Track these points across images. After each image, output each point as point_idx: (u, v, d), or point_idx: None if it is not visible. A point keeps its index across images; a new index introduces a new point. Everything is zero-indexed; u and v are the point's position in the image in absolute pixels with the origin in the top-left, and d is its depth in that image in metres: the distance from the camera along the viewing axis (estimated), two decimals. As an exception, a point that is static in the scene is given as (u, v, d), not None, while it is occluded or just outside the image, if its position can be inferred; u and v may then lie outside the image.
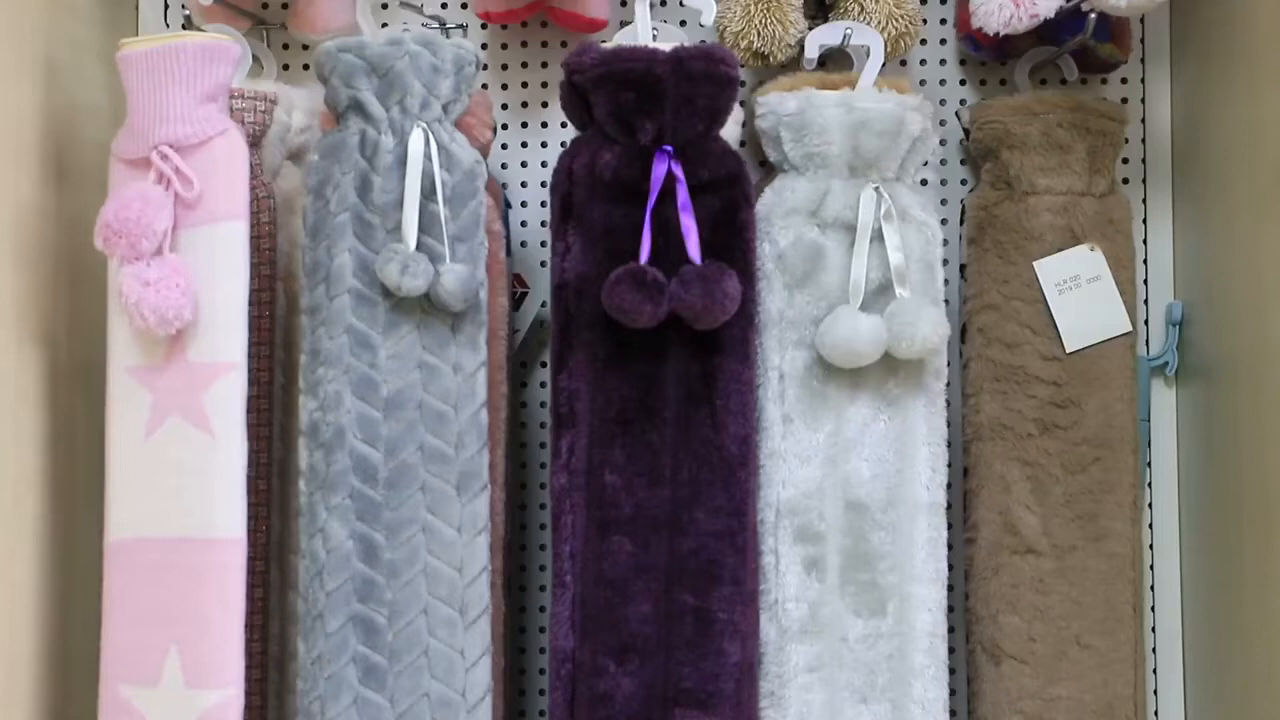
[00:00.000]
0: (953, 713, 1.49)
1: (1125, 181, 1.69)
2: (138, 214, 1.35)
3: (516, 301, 1.66)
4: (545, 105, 1.72)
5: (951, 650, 1.50)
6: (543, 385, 1.71)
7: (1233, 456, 1.54)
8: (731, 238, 1.43)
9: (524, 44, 1.72)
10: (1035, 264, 1.55)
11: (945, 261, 1.52)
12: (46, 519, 1.46)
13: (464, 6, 1.71)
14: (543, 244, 1.69)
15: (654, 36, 1.50)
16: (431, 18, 1.63)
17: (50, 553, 1.47)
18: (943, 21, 1.70)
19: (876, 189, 1.47)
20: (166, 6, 1.72)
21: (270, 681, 1.50)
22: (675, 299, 1.38)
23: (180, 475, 1.36)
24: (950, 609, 1.49)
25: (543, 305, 1.66)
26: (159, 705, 1.36)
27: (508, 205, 1.65)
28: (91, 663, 1.40)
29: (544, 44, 1.72)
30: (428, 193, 1.39)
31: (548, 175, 1.50)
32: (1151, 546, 1.68)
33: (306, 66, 1.71)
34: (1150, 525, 1.68)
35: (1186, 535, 1.66)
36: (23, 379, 1.43)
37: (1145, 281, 1.69)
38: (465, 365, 1.41)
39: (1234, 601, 1.54)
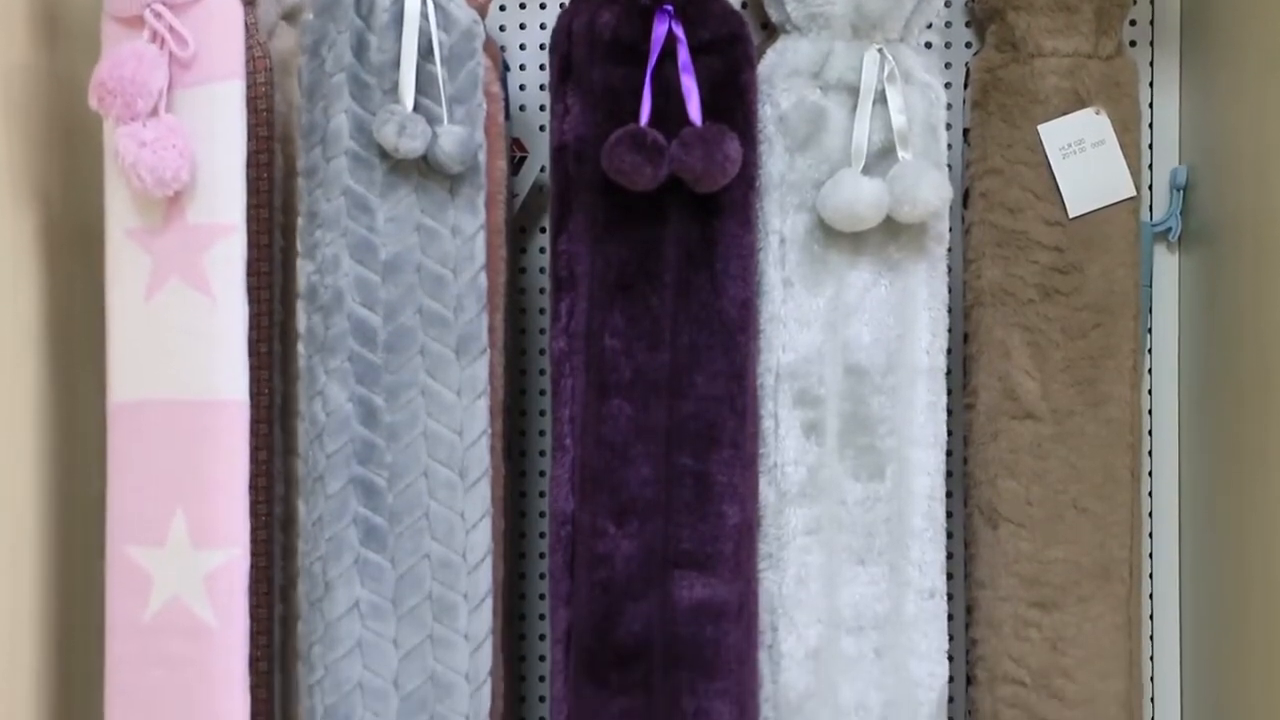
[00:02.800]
0: (949, 576, 1.50)
1: (1132, 44, 1.67)
2: (132, 72, 1.33)
3: (515, 166, 1.65)
4: (544, -35, 1.70)
5: (949, 514, 1.51)
6: (542, 251, 1.70)
7: (1234, 322, 1.54)
8: (732, 99, 1.42)
9: (523, -98, 1.69)
10: (1039, 128, 1.53)
11: (949, 126, 1.51)
12: (47, 381, 1.47)
13: None
14: (542, 108, 1.67)
15: (655, -107, 1.47)
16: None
17: (51, 415, 1.47)
18: (950, -121, 1.67)
19: (880, 50, 1.45)
20: None
21: (275, 542, 1.51)
22: (675, 161, 1.37)
23: (181, 337, 1.37)
24: (949, 473, 1.50)
25: (541, 170, 1.65)
26: (165, 565, 1.37)
27: (506, 68, 1.63)
28: (96, 524, 1.41)
29: (543, -98, 1.69)
30: (424, 53, 1.37)
31: (547, 37, 1.48)
32: (1151, 412, 1.68)
33: (301, -75, 1.68)
34: (1150, 390, 1.68)
35: (1186, 400, 1.67)
36: (19, 241, 1.43)
37: (1150, 146, 1.67)
38: (464, 228, 1.40)
39: (1231, 465, 1.55)
